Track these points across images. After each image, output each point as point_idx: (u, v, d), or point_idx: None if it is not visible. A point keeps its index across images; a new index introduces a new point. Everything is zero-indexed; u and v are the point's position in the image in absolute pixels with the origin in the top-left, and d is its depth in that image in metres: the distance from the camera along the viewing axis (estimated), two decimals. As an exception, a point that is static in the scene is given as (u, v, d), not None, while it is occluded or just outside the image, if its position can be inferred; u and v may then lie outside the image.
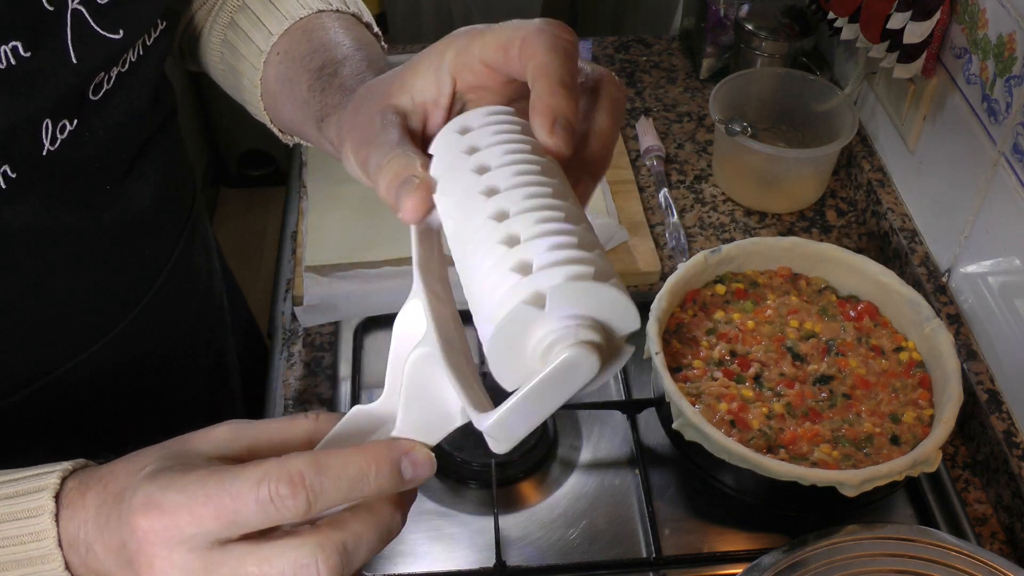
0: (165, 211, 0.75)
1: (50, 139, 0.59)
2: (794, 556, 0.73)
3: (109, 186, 0.66)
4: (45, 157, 0.58)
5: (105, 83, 0.62)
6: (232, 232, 2.55)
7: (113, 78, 0.62)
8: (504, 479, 0.88)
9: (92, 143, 0.62)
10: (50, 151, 0.59)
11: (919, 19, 0.96)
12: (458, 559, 0.84)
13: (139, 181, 0.69)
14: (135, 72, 0.65)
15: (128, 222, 0.68)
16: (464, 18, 2.34)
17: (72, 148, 0.60)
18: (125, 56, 0.63)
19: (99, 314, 0.70)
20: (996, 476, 0.87)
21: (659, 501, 0.88)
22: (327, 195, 1.15)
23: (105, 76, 0.62)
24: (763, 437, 0.82)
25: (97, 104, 0.62)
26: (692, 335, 0.90)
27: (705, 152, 1.24)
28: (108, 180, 0.66)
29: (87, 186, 0.64)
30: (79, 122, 0.60)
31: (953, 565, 0.71)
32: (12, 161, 0.56)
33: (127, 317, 0.72)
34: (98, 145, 0.63)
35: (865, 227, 1.14)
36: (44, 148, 0.58)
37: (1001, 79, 0.88)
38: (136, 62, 0.65)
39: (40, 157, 0.58)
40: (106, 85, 0.62)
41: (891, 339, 0.90)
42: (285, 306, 1.05)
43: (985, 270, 0.94)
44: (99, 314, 0.70)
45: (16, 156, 0.57)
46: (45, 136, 0.58)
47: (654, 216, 1.14)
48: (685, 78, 1.37)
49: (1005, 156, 0.89)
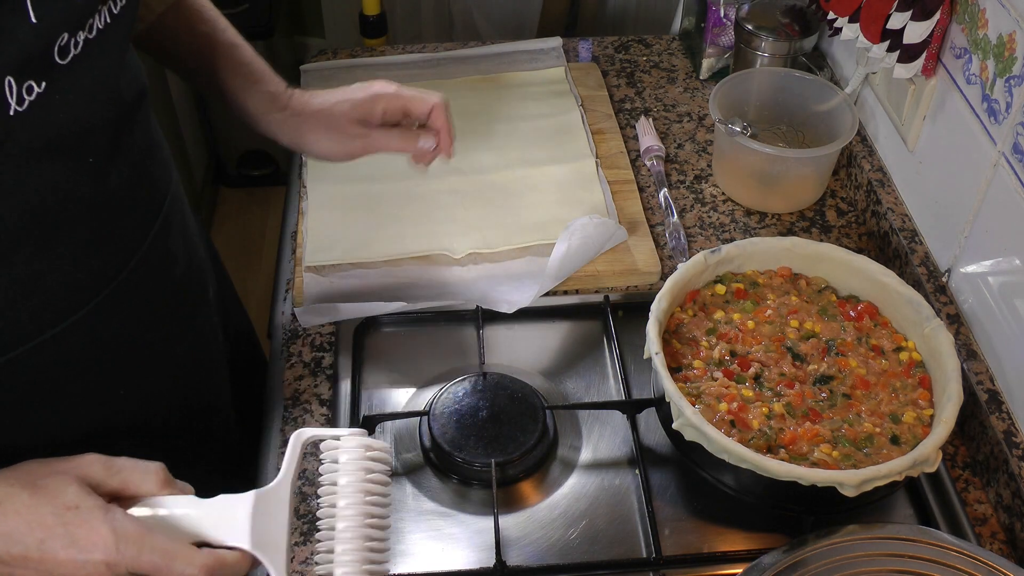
0: (140, 194, 0.77)
1: (16, 99, 0.60)
2: (794, 556, 0.73)
3: (91, 159, 0.68)
4: (14, 117, 0.60)
5: (72, 47, 0.64)
6: (232, 232, 2.55)
7: (80, 43, 0.64)
8: (504, 479, 0.88)
9: (63, 108, 0.64)
10: (18, 111, 0.60)
11: (919, 19, 0.96)
12: (458, 559, 0.84)
13: (115, 159, 0.71)
14: (103, 40, 0.67)
15: (103, 200, 0.70)
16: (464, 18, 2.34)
17: (43, 111, 0.62)
18: (91, 21, 0.65)
19: (70, 290, 0.71)
20: (996, 476, 0.87)
21: (659, 501, 0.88)
22: (327, 195, 1.15)
23: (71, 40, 0.63)
24: (763, 437, 0.82)
25: (65, 69, 0.63)
26: (692, 335, 0.90)
27: (705, 152, 1.24)
28: (86, 153, 0.68)
29: (64, 156, 0.66)
30: (47, 85, 0.62)
31: (953, 565, 0.71)
32: None
33: (99, 295, 0.73)
34: (70, 112, 0.65)
35: (865, 227, 1.14)
36: (11, 107, 0.60)
37: (1001, 79, 0.88)
38: (104, 29, 0.67)
39: (8, 116, 0.60)
40: (73, 50, 0.64)
41: (891, 339, 0.90)
42: (285, 306, 1.05)
43: (985, 270, 0.94)
44: (70, 290, 0.71)
45: None
46: (10, 95, 0.60)
47: (654, 216, 1.14)
48: (685, 78, 1.37)
49: (1005, 156, 0.89)
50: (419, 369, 0.99)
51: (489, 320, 1.02)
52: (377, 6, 1.98)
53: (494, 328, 1.02)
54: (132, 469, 0.66)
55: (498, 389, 0.93)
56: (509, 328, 1.03)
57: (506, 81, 1.33)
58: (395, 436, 0.93)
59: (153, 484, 0.66)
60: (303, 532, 0.84)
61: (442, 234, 1.10)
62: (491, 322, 1.02)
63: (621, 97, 1.33)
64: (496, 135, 1.23)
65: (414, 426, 0.93)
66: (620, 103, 1.32)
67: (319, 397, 0.96)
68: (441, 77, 1.33)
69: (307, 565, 0.82)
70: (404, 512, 0.87)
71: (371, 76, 1.31)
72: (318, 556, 0.69)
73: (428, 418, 0.91)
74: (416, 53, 1.38)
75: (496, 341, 1.01)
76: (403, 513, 0.87)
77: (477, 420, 0.90)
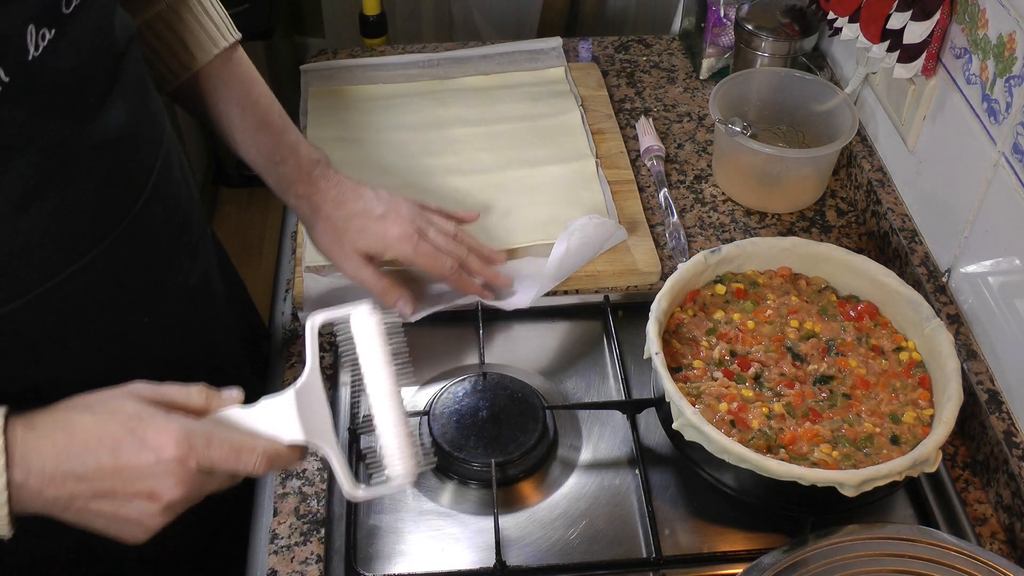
0: (142, 133, 0.80)
1: (34, 45, 0.65)
2: (794, 556, 0.73)
3: (92, 99, 0.73)
4: (32, 62, 0.65)
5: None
6: (232, 232, 2.55)
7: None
8: (504, 479, 0.88)
9: (69, 53, 0.69)
10: (35, 57, 0.65)
11: (919, 19, 0.96)
12: (458, 559, 0.84)
13: (116, 100, 0.75)
14: None
15: (109, 140, 0.74)
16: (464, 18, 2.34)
17: (53, 57, 0.67)
18: None
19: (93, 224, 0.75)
20: (996, 476, 0.87)
21: (659, 501, 0.88)
22: (327, 195, 1.15)
23: None
24: (763, 437, 0.82)
25: (70, 16, 0.69)
26: (692, 335, 0.90)
27: (705, 152, 1.25)
28: (90, 94, 0.73)
29: (71, 98, 0.70)
30: (56, 32, 0.67)
31: (953, 565, 0.71)
32: (6, 64, 0.63)
33: (118, 228, 0.77)
34: (75, 56, 0.70)
35: (865, 227, 1.14)
36: (30, 53, 0.65)
37: (1001, 79, 0.88)
38: None
39: (27, 62, 0.65)
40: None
41: (891, 339, 0.90)
42: (285, 306, 1.05)
43: (985, 270, 0.94)
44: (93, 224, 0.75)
45: (8, 60, 0.63)
46: (30, 41, 0.65)
47: (654, 216, 1.14)
48: (685, 78, 1.37)
49: (1005, 156, 0.89)
50: (419, 369, 0.99)
51: (489, 320, 1.02)
52: (377, 6, 1.98)
53: (494, 328, 1.02)
54: (178, 390, 0.69)
55: (498, 389, 0.93)
56: (509, 328, 1.03)
57: (506, 81, 1.33)
58: (395, 436, 0.93)
59: (200, 400, 0.70)
60: (303, 532, 0.85)
61: (442, 234, 1.10)
62: (491, 322, 1.02)
63: (621, 97, 1.33)
64: (496, 135, 1.23)
65: (414, 426, 0.93)
66: (620, 103, 1.32)
67: (319, 397, 0.96)
68: (441, 77, 1.33)
69: (306, 565, 0.82)
70: (404, 512, 0.87)
71: (371, 77, 1.33)
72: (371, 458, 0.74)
73: (428, 418, 0.91)
74: (416, 53, 1.38)
75: (496, 341, 1.01)
76: (403, 513, 0.87)
77: (477, 420, 0.90)
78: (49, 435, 0.64)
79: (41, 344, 0.74)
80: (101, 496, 0.65)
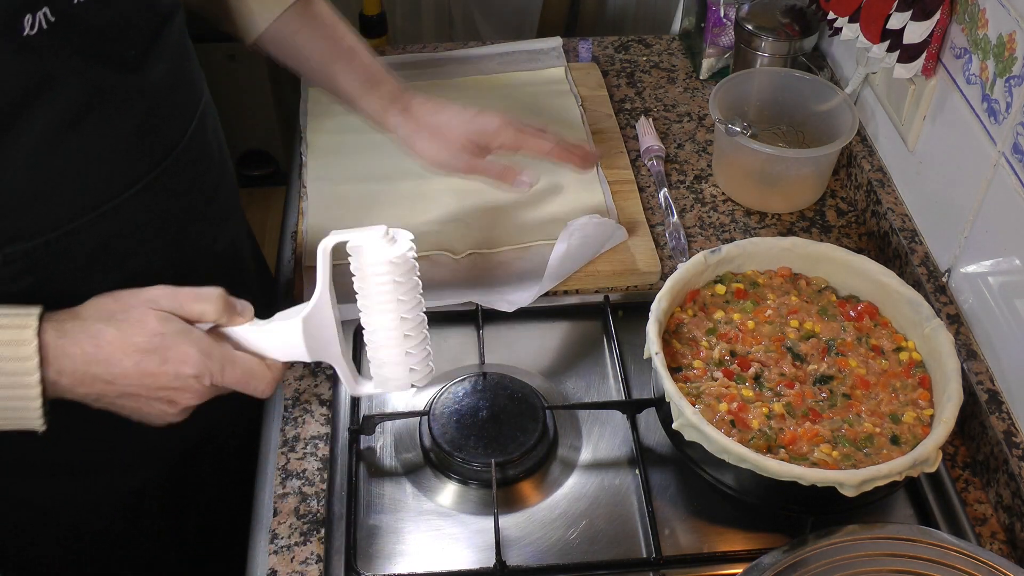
0: (179, 92, 0.87)
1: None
2: (794, 556, 0.73)
3: (134, 52, 0.79)
4: (77, 6, 0.71)
5: None
6: (232, 232, 2.55)
7: None
8: (504, 479, 0.88)
9: (112, 6, 0.75)
10: (80, 2, 0.72)
11: (919, 19, 0.96)
12: (458, 559, 0.84)
13: (156, 60, 0.81)
14: None
15: (146, 93, 0.81)
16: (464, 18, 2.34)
17: (96, 6, 0.73)
18: None
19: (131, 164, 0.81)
20: (996, 476, 0.87)
21: (659, 501, 0.88)
22: (327, 195, 1.15)
23: None
24: (763, 437, 0.82)
25: None
26: (692, 335, 0.90)
27: (705, 152, 1.25)
28: (130, 47, 0.78)
29: (111, 47, 0.76)
30: None
31: (953, 565, 0.71)
32: (52, 6, 0.69)
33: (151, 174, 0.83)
34: (116, 9, 0.76)
35: (865, 227, 1.14)
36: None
37: (1001, 79, 0.88)
38: None
39: (73, 5, 0.71)
40: None
41: (891, 339, 0.90)
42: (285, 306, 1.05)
43: (985, 270, 0.94)
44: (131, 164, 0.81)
45: (55, 3, 0.70)
46: None
47: (654, 216, 1.14)
48: (685, 78, 1.37)
49: (1005, 156, 0.89)
50: (419, 369, 0.99)
51: (489, 320, 1.02)
52: (377, 6, 1.98)
53: (494, 328, 1.02)
54: (196, 297, 0.73)
55: (498, 389, 0.93)
56: (509, 328, 1.03)
57: (506, 81, 1.33)
58: (395, 436, 0.93)
59: (215, 310, 0.73)
60: (303, 532, 0.85)
61: (442, 234, 1.10)
62: (491, 322, 1.02)
63: (621, 97, 1.33)
64: (496, 135, 1.23)
65: (414, 426, 0.93)
66: (620, 103, 1.32)
67: (319, 397, 0.96)
68: (441, 77, 1.33)
69: (306, 565, 0.82)
70: (404, 512, 0.87)
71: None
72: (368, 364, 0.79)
73: (428, 418, 0.91)
74: (416, 53, 1.38)
75: (496, 341, 1.01)
76: (403, 513, 0.87)
77: (477, 420, 0.90)
78: (79, 343, 0.70)
79: (67, 282, 0.79)
80: (125, 396, 0.73)
